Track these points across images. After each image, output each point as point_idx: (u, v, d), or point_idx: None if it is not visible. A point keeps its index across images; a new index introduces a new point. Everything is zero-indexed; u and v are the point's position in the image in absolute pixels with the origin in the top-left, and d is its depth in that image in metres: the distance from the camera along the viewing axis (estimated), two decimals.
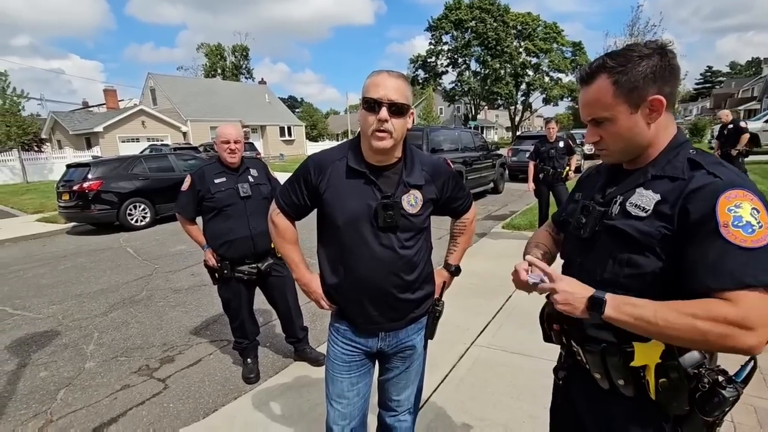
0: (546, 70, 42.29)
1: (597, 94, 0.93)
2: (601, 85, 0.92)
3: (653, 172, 0.94)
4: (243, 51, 50.21)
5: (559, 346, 1.18)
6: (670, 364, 0.87)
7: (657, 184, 0.92)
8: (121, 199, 8.19)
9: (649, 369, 0.90)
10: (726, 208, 0.80)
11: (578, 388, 1.12)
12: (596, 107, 0.94)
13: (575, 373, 1.11)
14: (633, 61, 0.89)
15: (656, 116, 0.92)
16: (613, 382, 0.96)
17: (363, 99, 1.26)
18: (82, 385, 2.94)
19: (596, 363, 0.98)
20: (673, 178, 0.90)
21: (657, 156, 0.95)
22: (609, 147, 0.97)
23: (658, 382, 0.89)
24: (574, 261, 1.07)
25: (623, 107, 0.91)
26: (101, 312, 4.22)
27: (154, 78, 30.14)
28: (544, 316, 1.16)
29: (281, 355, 3.21)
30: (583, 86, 0.97)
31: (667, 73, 0.90)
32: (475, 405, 2.35)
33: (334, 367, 1.47)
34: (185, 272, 5.41)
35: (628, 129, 0.93)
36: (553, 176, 5.51)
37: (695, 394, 0.86)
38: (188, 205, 2.71)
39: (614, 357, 0.94)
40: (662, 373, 0.88)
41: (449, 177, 1.45)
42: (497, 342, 3.05)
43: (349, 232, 1.32)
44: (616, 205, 0.97)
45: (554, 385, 1.29)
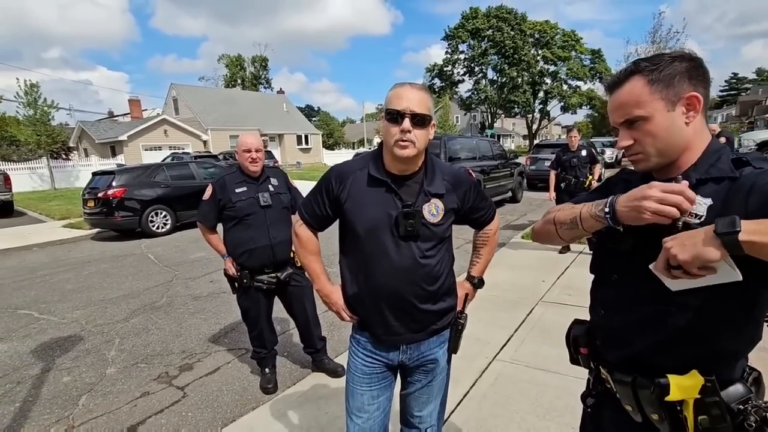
0: (564, 78, 41.88)
1: (631, 93, 0.89)
2: (634, 85, 0.88)
3: (697, 176, 0.87)
4: (262, 61, 51.25)
5: (587, 370, 1.12)
6: (711, 401, 0.80)
7: (703, 188, 0.86)
8: (143, 206, 8.37)
9: (687, 404, 0.82)
10: None
11: (609, 419, 1.04)
12: (630, 106, 0.89)
13: (605, 400, 1.03)
14: (664, 61, 0.87)
15: (693, 115, 0.87)
16: (647, 415, 0.89)
17: (386, 111, 1.27)
18: (104, 391, 2.97)
19: (627, 394, 0.92)
20: (719, 179, 0.85)
21: (696, 161, 0.89)
22: (645, 149, 0.90)
23: (698, 420, 0.81)
24: (609, 278, 1.00)
25: (660, 104, 0.86)
26: (123, 318, 4.28)
27: (176, 88, 30.98)
28: (570, 338, 1.10)
29: (299, 365, 3.19)
30: (614, 91, 0.92)
31: (700, 74, 0.87)
32: (498, 423, 2.27)
33: (354, 380, 1.44)
34: (204, 279, 5.47)
35: (666, 128, 0.87)
36: (575, 186, 5.39)
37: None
38: (209, 213, 2.72)
39: (646, 390, 0.86)
40: (702, 410, 0.80)
41: (470, 187, 1.43)
42: (520, 357, 2.96)
43: (369, 241, 1.31)
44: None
45: (583, 412, 1.20)
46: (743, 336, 0.85)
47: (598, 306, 1.05)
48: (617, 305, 0.97)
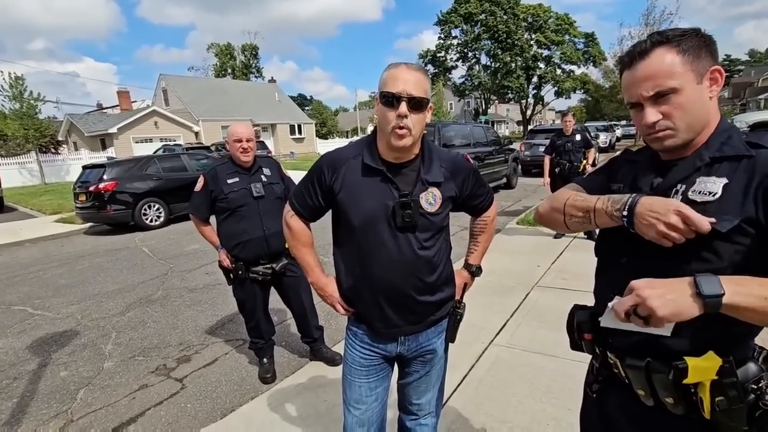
0: (558, 62, 41.57)
1: (662, 64, 0.84)
2: (665, 55, 0.84)
3: (710, 155, 0.85)
4: (252, 50, 50.41)
5: (588, 355, 1.09)
6: (728, 382, 0.78)
7: (717, 168, 0.84)
8: (135, 199, 8.28)
9: (704, 386, 0.80)
10: None
11: (615, 403, 1.03)
12: (663, 77, 0.83)
13: (612, 386, 1.02)
14: (689, 33, 0.85)
15: (716, 89, 0.87)
16: (660, 399, 0.87)
17: (381, 93, 1.21)
18: (101, 384, 2.96)
19: (640, 379, 0.89)
20: (734, 158, 0.83)
21: (708, 139, 0.88)
22: (675, 123, 0.85)
23: (715, 401, 0.79)
24: (617, 261, 0.96)
25: (691, 76, 0.83)
26: (118, 311, 4.26)
27: (165, 79, 30.46)
28: (574, 324, 1.06)
29: (297, 355, 3.20)
30: (638, 62, 0.86)
31: (715, 49, 0.86)
32: (496, 407, 2.30)
33: (351, 372, 1.43)
34: (200, 271, 5.44)
35: (695, 101, 0.84)
36: (569, 170, 5.39)
37: (755, 413, 0.78)
38: (201, 205, 2.69)
39: (662, 374, 0.84)
40: (719, 391, 0.78)
41: (469, 173, 1.39)
42: (516, 341, 2.98)
43: (365, 233, 1.27)
44: (676, 195, 0.87)
45: (585, 397, 1.19)
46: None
47: (605, 290, 1.01)
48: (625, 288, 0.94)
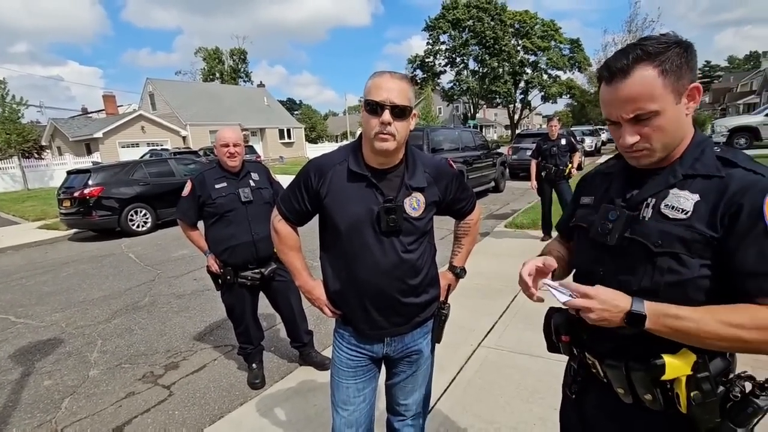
0: (544, 67, 42.21)
1: (643, 87, 0.82)
2: (646, 76, 0.82)
3: (683, 171, 0.88)
4: (241, 54, 50.21)
5: (568, 357, 1.12)
6: (702, 376, 0.82)
7: (691, 183, 0.86)
8: (122, 204, 8.18)
9: (680, 381, 0.84)
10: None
11: (594, 403, 1.06)
12: (644, 100, 0.83)
13: (590, 386, 1.05)
14: (671, 48, 0.82)
15: (693, 105, 0.87)
16: (639, 396, 0.90)
17: (365, 101, 1.23)
18: (87, 393, 2.92)
19: (619, 378, 0.92)
20: (706, 176, 0.85)
21: (682, 154, 0.89)
22: (652, 145, 0.87)
23: (690, 395, 0.83)
24: (594, 271, 0.98)
25: (671, 97, 0.83)
26: (104, 319, 4.20)
27: (152, 83, 30.16)
28: (552, 326, 1.09)
29: (286, 360, 3.19)
30: (619, 80, 0.85)
31: (696, 63, 0.85)
32: (484, 408, 2.33)
33: (339, 373, 1.45)
34: (188, 277, 5.39)
35: (673, 122, 0.85)
36: (555, 174, 5.48)
37: (726, 405, 0.82)
38: (189, 210, 2.68)
39: (640, 372, 0.87)
40: (694, 385, 0.82)
41: (452, 178, 1.42)
42: (504, 343, 3.02)
43: (351, 237, 1.30)
44: (647, 208, 0.90)
45: (564, 398, 1.21)
46: None
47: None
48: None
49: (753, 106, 29.32)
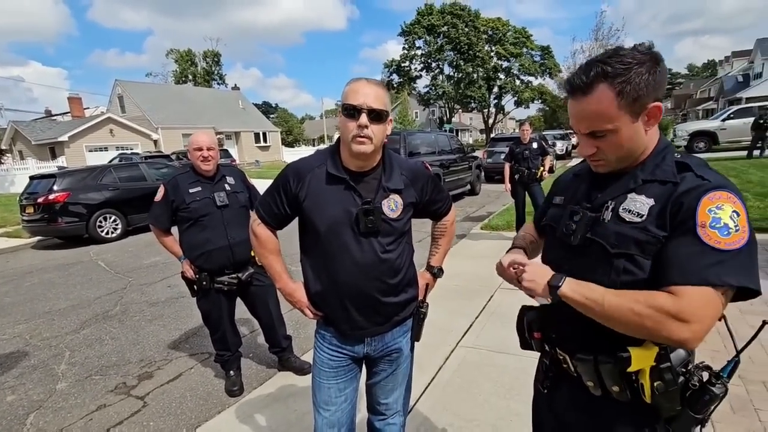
0: (517, 73, 43.37)
1: (599, 107, 0.87)
2: (603, 96, 0.86)
3: (643, 177, 0.92)
4: (214, 56, 49.33)
5: (539, 353, 1.17)
6: (664, 367, 0.87)
7: (648, 188, 0.91)
8: (90, 210, 7.88)
9: (644, 373, 0.89)
10: (707, 209, 0.82)
11: (566, 397, 1.10)
12: (598, 120, 0.88)
13: (561, 381, 1.10)
14: (634, 68, 0.84)
15: (653, 122, 0.90)
16: (607, 388, 0.95)
17: (342, 106, 1.26)
18: (54, 407, 2.80)
19: (589, 371, 0.97)
20: (663, 182, 0.90)
21: (644, 160, 0.94)
22: (607, 157, 0.93)
23: (654, 385, 0.88)
24: (561, 268, 1.01)
25: (626, 117, 0.87)
26: (72, 329, 4.04)
27: (121, 84, 29.23)
28: (525, 324, 1.14)
29: (264, 366, 3.15)
30: (579, 96, 0.89)
31: (662, 80, 0.87)
32: (463, 406, 2.37)
33: (320, 374, 1.46)
34: (161, 284, 5.25)
35: (629, 139, 0.89)
36: (528, 177, 5.64)
37: (686, 393, 0.87)
38: (162, 215, 2.63)
39: (608, 365, 0.93)
40: (657, 376, 0.87)
41: (428, 180, 1.46)
42: (481, 342, 3.08)
43: (330, 239, 1.32)
44: (607, 210, 0.94)
45: (535, 394, 1.26)
46: None
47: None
48: None
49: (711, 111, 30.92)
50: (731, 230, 0.80)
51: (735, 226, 0.81)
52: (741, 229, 0.81)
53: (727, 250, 0.80)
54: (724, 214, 0.81)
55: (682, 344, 0.82)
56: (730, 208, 0.82)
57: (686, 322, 0.79)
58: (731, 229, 0.80)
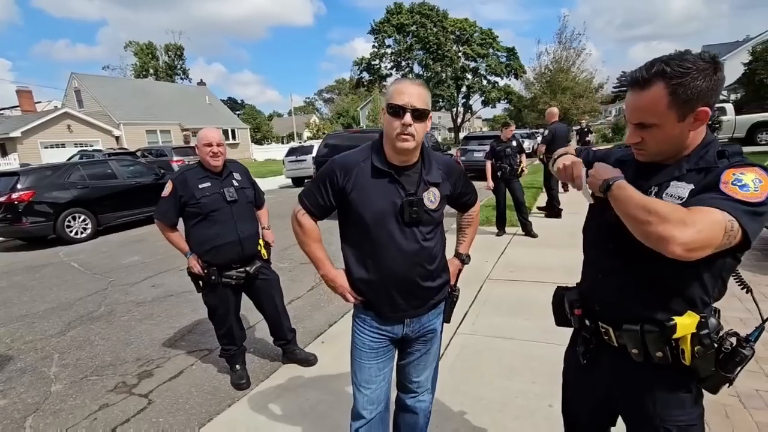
0: (484, 73, 44.37)
1: (651, 102, 0.96)
2: (657, 93, 0.94)
3: (687, 167, 1.02)
4: (177, 50, 47.51)
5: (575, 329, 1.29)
6: (704, 333, 0.99)
7: (690, 176, 1.00)
8: (57, 210, 7.51)
9: (685, 339, 1.01)
10: (732, 173, 0.93)
11: (607, 366, 1.20)
12: (647, 113, 0.97)
13: (601, 352, 1.20)
14: (691, 74, 0.92)
15: (699, 125, 0.98)
16: (651, 354, 1.06)
17: (388, 105, 1.36)
18: (53, 409, 2.73)
19: (634, 340, 1.07)
20: (705, 169, 0.99)
21: (690, 153, 1.03)
22: (648, 149, 1.04)
23: (694, 350, 1.00)
24: (605, 246, 1.14)
25: (673, 116, 0.95)
26: (57, 332, 3.90)
27: (78, 78, 27.67)
28: (566, 302, 1.26)
29: (268, 360, 3.19)
30: (637, 89, 0.98)
31: (718, 88, 0.94)
32: (470, 387, 2.52)
33: (361, 355, 1.56)
34: (145, 284, 5.12)
35: (672, 136, 0.99)
36: (510, 173, 5.91)
37: (719, 356, 1.01)
38: (170, 211, 2.62)
39: (654, 333, 1.04)
40: (697, 341, 1.00)
41: (460, 174, 1.59)
42: (478, 329, 3.26)
43: (376, 228, 1.42)
44: (651, 195, 1.03)
45: (569, 366, 1.39)
46: (716, 291, 1.07)
47: (592, 270, 1.23)
48: (614, 270, 1.12)
49: None
50: (750, 188, 0.90)
51: (755, 187, 0.90)
52: (760, 190, 0.90)
53: (743, 200, 0.89)
54: (746, 178, 0.91)
55: (669, 242, 0.87)
56: (753, 175, 0.92)
57: (687, 226, 0.86)
58: (750, 188, 0.90)
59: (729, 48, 29.73)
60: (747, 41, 28.48)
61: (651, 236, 0.91)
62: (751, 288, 1.08)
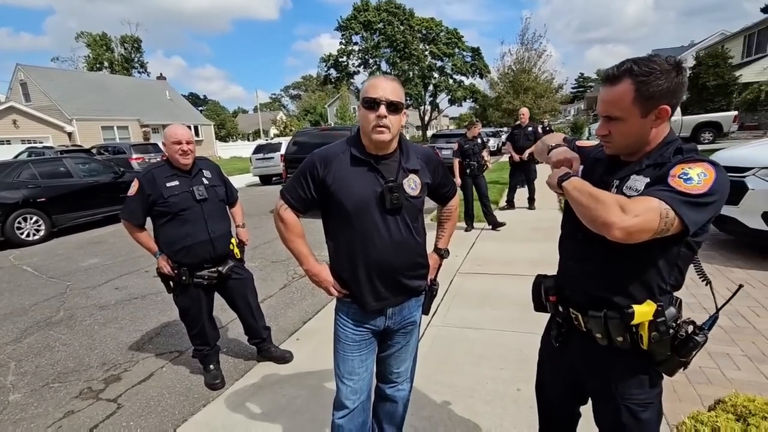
0: (450, 72, 45.04)
1: (618, 96, 1.06)
2: (624, 89, 1.04)
3: (647, 163, 1.11)
4: (134, 42, 45.36)
5: (550, 314, 1.41)
6: (660, 321, 1.10)
7: (648, 171, 1.10)
8: (6, 210, 7.05)
9: (643, 325, 1.11)
10: (681, 168, 1.02)
11: (576, 348, 1.31)
12: (614, 107, 1.07)
13: (572, 335, 1.31)
14: (655, 73, 1.01)
15: (660, 122, 1.08)
16: (612, 339, 1.16)
17: (363, 99, 1.41)
18: (12, 419, 2.61)
19: (598, 325, 1.17)
20: (660, 165, 1.09)
21: (651, 150, 1.12)
22: (614, 141, 1.14)
23: (651, 335, 1.11)
24: (575, 235, 1.23)
25: (636, 112, 1.05)
26: (12, 339, 3.70)
27: (25, 70, 25.82)
28: (542, 289, 1.38)
29: (242, 359, 3.17)
30: (607, 85, 1.08)
31: (680, 89, 1.04)
32: (442, 376, 2.62)
33: (344, 348, 1.60)
34: (107, 287, 4.92)
35: (635, 131, 1.09)
36: (478, 169, 6.15)
37: (674, 342, 1.12)
38: (137, 210, 2.57)
39: (615, 319, 1.13)
40: (654, 328, 1.10)
41: (438, 164, 1.65)
42: (449, 321, 3.37)
43: (358, 217, 1.45)
44: (613, 188, 1.14)
45: (543, 347, 1.50)
46: (672, 279, 1.16)
47: (564, 259, 1.34)
48: (582, 258, 1.23)
49: None
50: (694, 181, 0.99)
51: (698, 180, 0.99)
52: (703, 183, 0.98)
53: (683, 192, 0.98)
54: (692, 172, 1.00)
55: (610, 227, 0.97)
56: (699, 169, 1.01)
57: (625, 212, 0.97)
58: (694, 180, 0.99)
59: (676, 52, 31.69)
60: (691, 46, 30.51)
61: (596, 221, 1.02)
62: (710, 280, 1.20)
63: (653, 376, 1.21)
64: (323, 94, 55.04)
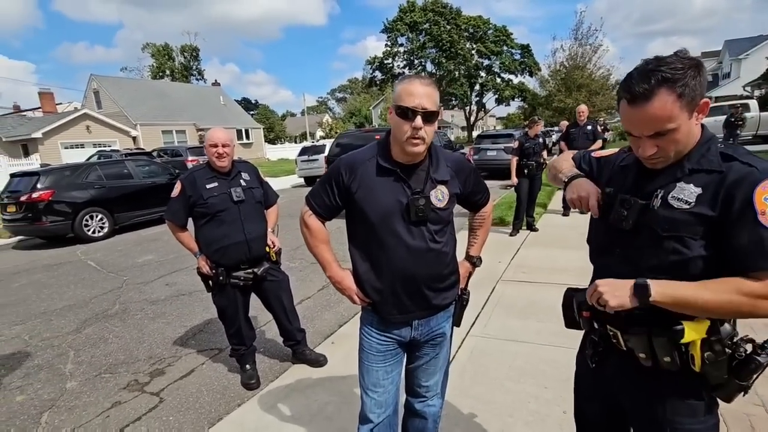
0: (497, 71, 43.90)
1: (663, 110, 0.94)
2: (665, 100, 0.93)
3: (690, 166, 1.00)
4: (193, 51, 48.28)
5: (584, 331, 1.25)
6: (714, 339, 0.96)
7: (696, 177, 0.99)
8: (75, 209, 7.69)
9: (695, 344, 0.98)
10: (762, 197, 0.90)
11: (614, 370, 1.18)
12: (663, 121, 0.95)
13: (609, 355, 1.17)
14: (687, 72, 0.93)
15: (702, 117, 0.99)
16: (658, 359, 1.03)
17: (396, 106, 1.31)
18: (67, 406, 2.78)
19: (642, 344, 1.05)
20: (709, 171, 0.98)
21: (689, 151, 1.01)
22: (666, 155, 1.01)
23: (704, 356, 0.97)
24: (611, 251, 1.11)
25: (686, 115, 0.96)
26: (73, 329, 3.97)
27: (97, 79, 28.29)
28: (574, 304, 1.21)
29: (278, 360, 3.19)
30: (641, 102, 0.95)
31: (705, 79, 0.97)
32: (480, 390, 2.48)
33: (369, 358, 1.53)
34: (158, 282, 5.19)
35: (687, 134, 0.99)
36: (536, 169, 5.94)
37: (732, 363, 0.97)
38: (179, 211, 2.64)
39: (662, 338, 1.00)
40: (708, 347, 0.97)
41: (471, 172, 1.54)
42: (490, 331, 3.20)
43: (382, 228, 1.38)
44: (657, 198, 1.03)
45: (578, 369, 1.35)
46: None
47: (601, 274, 1.17)
48: (623, 275, 1.06)
49: None
50: None
51: None
52: None
53: None
54: None
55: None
56: None
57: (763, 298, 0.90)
58: None
59: (753, 42, 28.82)
60: None
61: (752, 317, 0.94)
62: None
63: (708, 403, 1.05)
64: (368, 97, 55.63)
